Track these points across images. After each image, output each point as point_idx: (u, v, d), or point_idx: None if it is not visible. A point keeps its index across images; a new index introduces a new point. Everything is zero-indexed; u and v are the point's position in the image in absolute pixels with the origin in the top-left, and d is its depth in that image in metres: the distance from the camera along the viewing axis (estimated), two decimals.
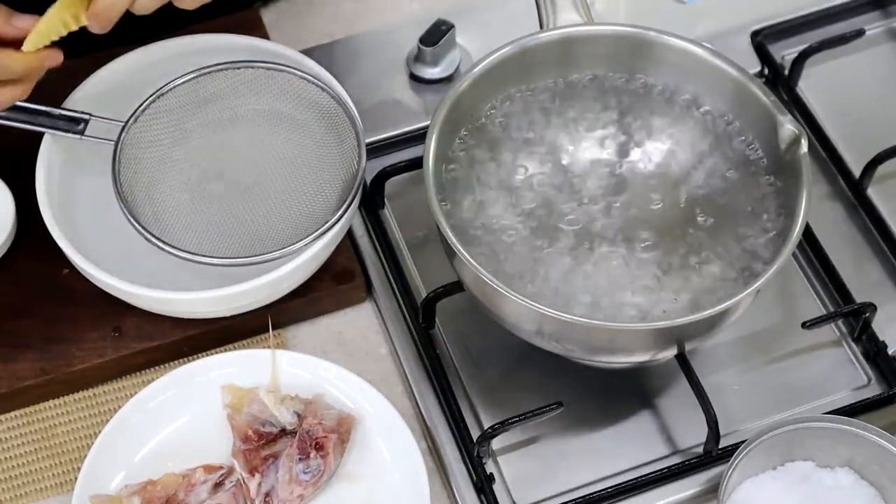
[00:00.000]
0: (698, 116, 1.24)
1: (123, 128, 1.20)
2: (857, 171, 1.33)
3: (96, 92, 1.29)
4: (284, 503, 1.14)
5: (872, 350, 1.25)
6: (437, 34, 1.38)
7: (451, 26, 1.37)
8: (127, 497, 1.13)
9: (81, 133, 1.22)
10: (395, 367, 1.26)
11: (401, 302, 1.28)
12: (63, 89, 1.28)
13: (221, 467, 1.16)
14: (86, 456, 1.15)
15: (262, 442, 1.17)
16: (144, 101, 1.21)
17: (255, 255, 1.16)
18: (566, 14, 1.23)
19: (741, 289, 1.12)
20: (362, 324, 1.28)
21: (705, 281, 1.17)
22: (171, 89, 1.22)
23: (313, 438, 1.16)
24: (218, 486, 1.15)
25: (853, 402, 1.22)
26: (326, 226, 1.18)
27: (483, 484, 1.18)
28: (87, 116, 1.22)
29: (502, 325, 1.18)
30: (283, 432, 1.18)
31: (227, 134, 1.24)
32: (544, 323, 1.12)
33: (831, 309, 1.28)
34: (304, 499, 1.15)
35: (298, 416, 1.17)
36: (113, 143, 1.20)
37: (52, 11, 1.07)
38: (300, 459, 1.15)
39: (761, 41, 1.42)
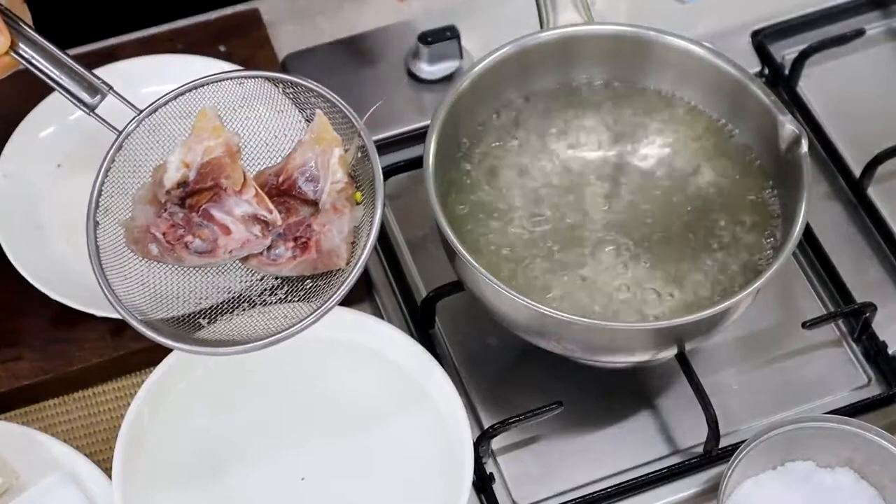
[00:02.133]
0: (698, 116, 1.24)
1: (134, 119, 1.09)
2: (857, 171, 1.33)
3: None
4: (223, 239, 1.03)
5: (872, 350, 1.25)
6: (436, 34, 1.38)
7: (456, 34, 1.37)
8: (214, 138, 1.03)
9: (93, 108, 1.09)
10: None
11: (401, 302, 1.28)
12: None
13: (270, 212, 1.04)
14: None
15: (284, 193, 1.05)
16: (164, 97, 1.09)
17: (270, 337, 1.04)
18: (566, 14, 1.23)
19: (741, 289, 1.12)
20: None
21: (706, 281, 1.17)
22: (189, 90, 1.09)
23: (305, 236, 1.04)
24: (255, 220, 1.04)
25: (853, 402, 1.22)
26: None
27: (483, 483, 1.18)
28: (106, 89, 1.08)
29: (502, 325, 1.18)
30: (309, 204, 1.06)
31: None
32: (544, 323, 1.12)
33: (831, 309, 1.28)
34: (231, 254, 1.04)
35: (332, 207, 1.04)
36: (117, 132, 1.08)
37: None
38: (279, 235, 1.04)
39: (761, 41, 1.42)
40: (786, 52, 1.43)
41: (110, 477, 1.10)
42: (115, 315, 1.21)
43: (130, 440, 1.11)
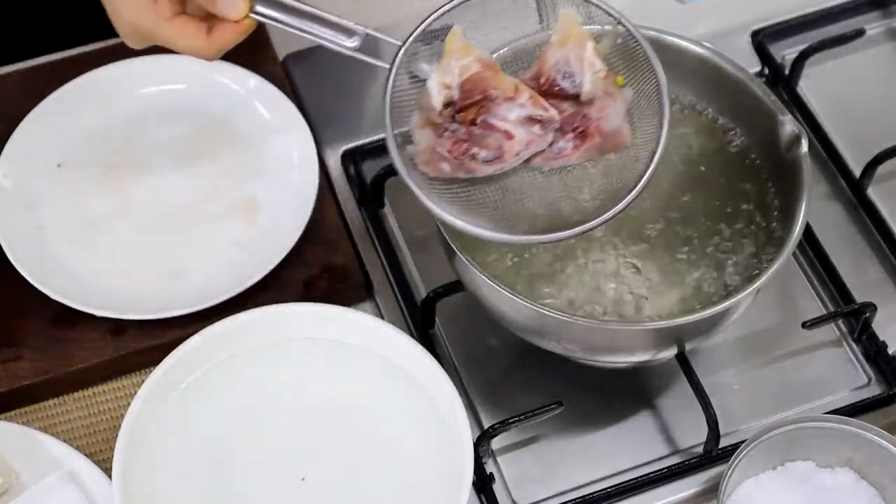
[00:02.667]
0: (698, 116, 1.24)
1: (399, 49, 1.11)
2: (857, 171, 1.33)
3: None
4: (507, 144, 1.07)
5: (872, 350, 1.25)
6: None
7: None
8: (466, 56, 1.08)
9: (356, 49, 1.12)
10: None
11: (401, 302, 1.28)
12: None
13: (546, 110, 1.07)
14: None
15: (544, 94, 1.08)
16: (422, 22, 1.12)
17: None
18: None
19: (741, 289, 1.12)
20: None
21: (705, 280, 1.17)
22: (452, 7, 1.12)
23: (583, 123, 1.08)
24: (531, 121, 1.07)
25: (853, 402, 1.22)
26: None
27: (483, 483, 1.18)
28: (361, 30, 1.12)
29: (502, 325, 1.18)
30: (571, 99, 1.09)
31: None
32: (544, 323, 1.12)
33: (831, 309, 1.28)
34: (519, 156, 1.08)
35: (591, 99, 1.08)
36: (387, 66, 1.11)
37: None
38: (555, 130, 1.08)
39: (761, 41, 1.42)
40: (786, 52, 1.43)
41: (110, 477, 1.10)
42: (114, 315, 1.21)
43: (130, 440, 1.11)
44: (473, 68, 1.08)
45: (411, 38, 1.10)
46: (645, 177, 1.06)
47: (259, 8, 1.09)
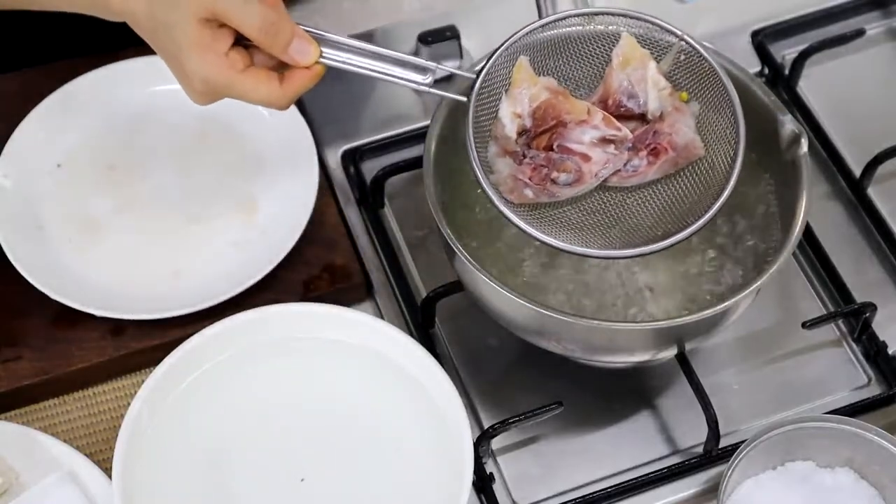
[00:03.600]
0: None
1: (474, 82, 1.11)
2: (857, 171, 1.33)
3: None
4: (586, 166, 1.10)
5: (872, 350, 1.25)
6: (436, 34, 1.38)
7: (456, 34, 1.37)
8: (532, 86, 1.10)
9: (429, 85, 1.11)
10: None
11: (401, 302, 1.28)
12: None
13: (620, 130, 1.11)
14: None
15: (611, 115, 1.12)
16: (495, 51, 1.12)
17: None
18: (564, 5, 1.23)
19: (741, 289, 1.12)
20: None
21: (706, 280, 1.17)
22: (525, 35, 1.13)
23: (654, 140, 1.11)
24: (605, 141, 1.10)
25: (853, 402, 1.22)
26: None
27: (483, 483, 1.18)
28: (432, 66, 1.11)
29: (502, 325, 1.18)
30: (638, 118, 1.13)
31: None
32: (544, 323, 1.12)
33: (831, 309, 1.28)
34: (598, 176, 1.11)
35: (661, 114, 1.12)
36: (466, 100, 1.11)
37: None
38: (628, 149, 1.11)
39: (761, 41, 1.42)
40: (786, 52, 1.43)
41: (110, 477, 1.10)
42: (114, 315, 1.21)
43: (130, 440, 1.11)
44: (542, 96, 1.11)
45: (484, 71, 1.11)
46: (732, 180, 1.08)
47: (327, 52, 1.09)
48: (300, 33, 1.08)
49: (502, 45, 1.12)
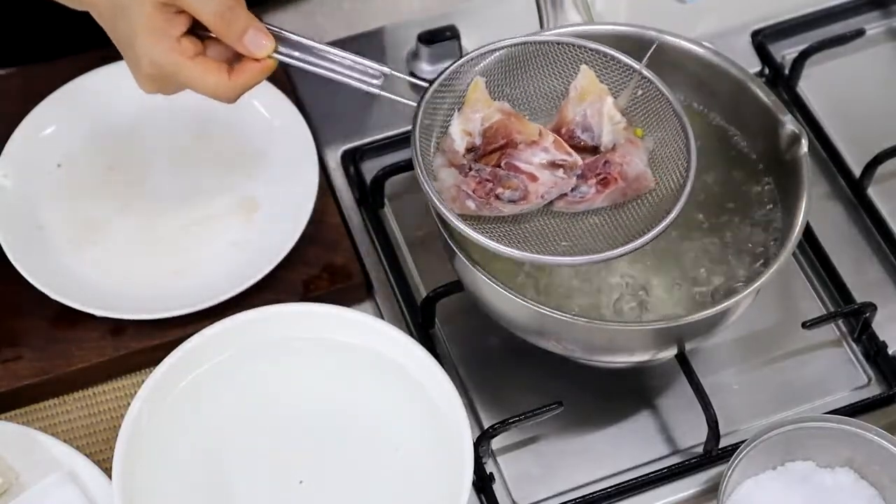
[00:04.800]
0: (698, 116, 1.24)
1: (425, 91, 1.12)
2: (857, 171, 1.33)
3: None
4: (532, 185, 1.09)
5: (872, 350, 1.25)
6: (436, 34, 1.38)
7: (456, 34, 1.37)
8: (486, 107, 1.11)
9: (380, 87, 1.13)
10: None
11: (401, 302, 1.28)
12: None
13: (570, 155, 1.11)
14: None
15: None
16: (449, 66, 1.14)
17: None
18: (566, 14, 1.23)
19: (741, 289, 1.12)
20: None
21: (705, 280, 1.17)
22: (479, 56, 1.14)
23: (605, 170, 1.11)
24: (555, 165, 1.10)
25: (853, 402, 1.22)
26: None
27: (483, 483, 1.18)
28: (386, 70, 1.13)
29: (502, 325, 1.18)
30: (590, 150, 1.13)
31: None
32: (544, 323, 1.12)
33: (831, 309, 1.28)
34: (544, 197, 1.10)
35: (614, 146, 1.12)
36: (414, 104, 1.12)
37: None
38: (578, 176, 1.11)
39: (761, 41, 1.42)
40: (786, 52, 1.43)
41: (110, 477, 1.10)
42: (114, 315, 1.21)
43: (130, 440, 1.11)
44: (495, 117, 1.11)
45: (436, 83, 1.12)
46: (672, 213, 1.08)
47: (282, 48, 1.10)
48: (256, 24, 1.08)
49: (461, 58, 1.13)
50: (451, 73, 1.13)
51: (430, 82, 1.12)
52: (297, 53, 1.11)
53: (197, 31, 1.08)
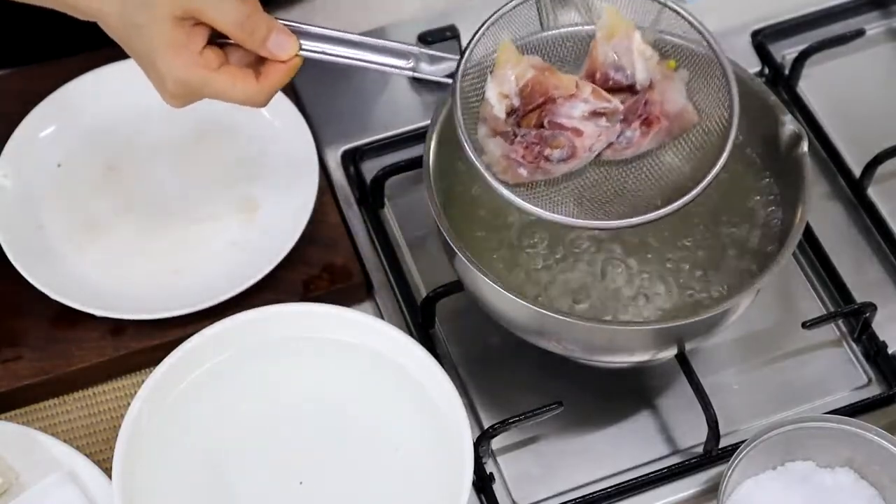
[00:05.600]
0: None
1: (459, 63, 1.11)
2: (857, 171, 1.33)
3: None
4: (578, 140, 1.08)
5: (872, 350, 1.25)
6: (436, 34, 1.38)
7: (456, 34, 1.37)
8: (517, 65, 1.09)
9: (412, 69, 1.11)
10: None
11: (401, 302, 1.28)
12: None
13: (609, 101, 1.09)
14: None
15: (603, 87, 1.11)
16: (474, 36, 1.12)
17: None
18: (566, 14, 1.23)
19: (741, 289, 1.12)
20: None
21: (705, 280, 1.17)
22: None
23: (646, 111, 1.09)
24: (596, 115, 1.09)
25: (853, 402, 1.22)
26: None
27: (483, 483, 1.18)
28: (415, 50, 1.11)
29: (502, 325, 1.18)
30: (627, 90, 1.11)
31: None
32: (544, 323, 1.12)
33: (831, 309, 1.28)
34: (592, 150, 1.09)
35: (651, 83, 1.10)
36: (450, 80, 1.10)
37: None
38: (620, 121, 1.10)
39: (762, 41, 1.42)
40: (786, 52, 1.43)
41: (110, 477, 1.10)
42: (114, 315, 1.21)
43: (130, 440, 1.11)
44: (528, 74, 1.09)
45: (468, 51, 1.10)
46: (729, 142, 1.07)
47: (306, 44, 1.08)
48: (278, 27, 1.06)
49: (485, 23, 1.11)
50: (478, 40, 1.10)
51: (462, 53, 1.10)
52: (321, 46, 1.09)
53: (216, 40, 1.06)
